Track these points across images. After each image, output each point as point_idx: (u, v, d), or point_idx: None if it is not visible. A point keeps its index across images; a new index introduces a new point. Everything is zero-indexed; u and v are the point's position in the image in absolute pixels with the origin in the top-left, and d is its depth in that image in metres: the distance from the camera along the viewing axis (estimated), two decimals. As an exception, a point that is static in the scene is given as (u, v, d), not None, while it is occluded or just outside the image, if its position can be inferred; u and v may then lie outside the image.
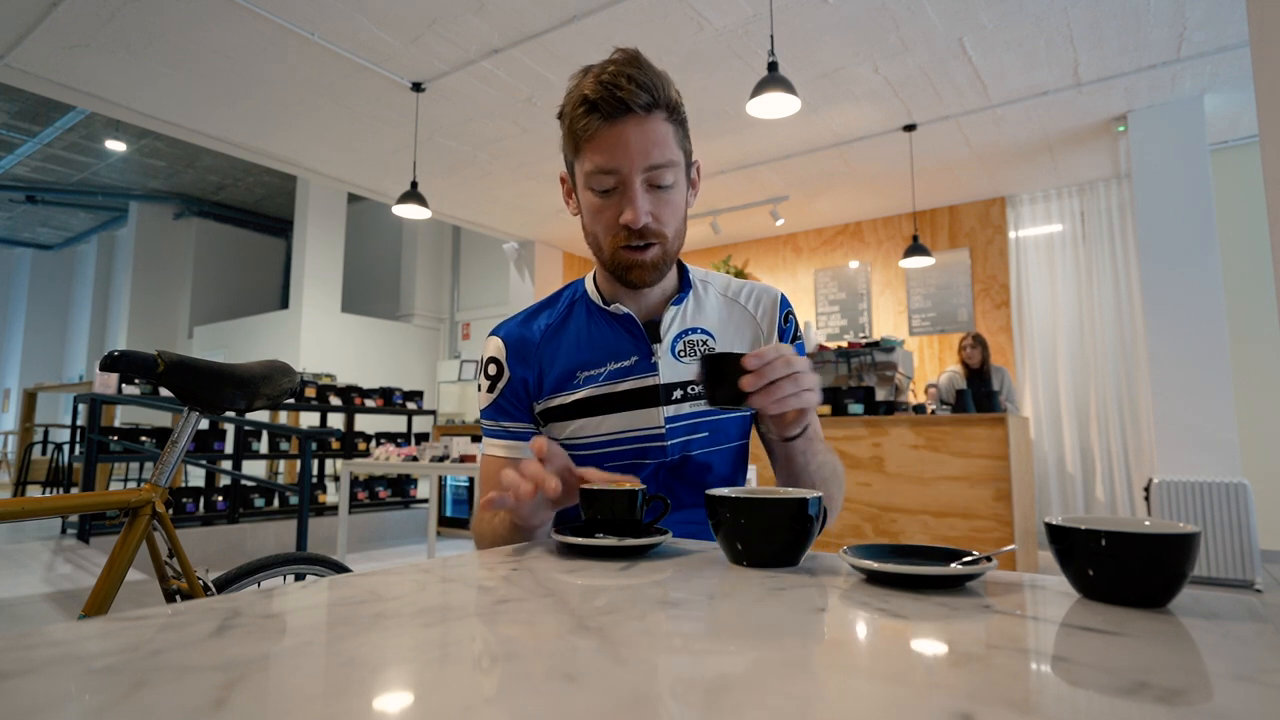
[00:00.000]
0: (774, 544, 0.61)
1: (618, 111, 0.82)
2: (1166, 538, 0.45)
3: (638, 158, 0.83)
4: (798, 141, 4.74)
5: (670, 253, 0.90)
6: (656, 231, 0.87)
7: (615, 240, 0.87)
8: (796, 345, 1.00)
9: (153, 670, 0.34)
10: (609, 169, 0.84)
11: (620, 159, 0.83)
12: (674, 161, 0.86)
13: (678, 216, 0.89)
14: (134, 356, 1.18)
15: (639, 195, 0.84)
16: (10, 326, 12.58)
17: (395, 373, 9.13)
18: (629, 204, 0.84)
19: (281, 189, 9.86)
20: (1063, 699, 0.32)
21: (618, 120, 0.82)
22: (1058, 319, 5.40)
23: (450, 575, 0.59)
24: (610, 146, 0.83)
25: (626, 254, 0.87)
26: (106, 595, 1.10)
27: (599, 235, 0.89)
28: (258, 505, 4.78)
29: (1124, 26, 3.44)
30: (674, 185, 0.87)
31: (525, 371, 0.96)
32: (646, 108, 0.83)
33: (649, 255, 0.87)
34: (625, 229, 0.85)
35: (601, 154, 0.83)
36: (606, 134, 0.83)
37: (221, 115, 4.38)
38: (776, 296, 1.02)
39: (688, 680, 0.34)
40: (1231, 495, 3.70)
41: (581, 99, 0.83)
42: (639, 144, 0.83)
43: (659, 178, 0.85)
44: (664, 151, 0.85)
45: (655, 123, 0.84)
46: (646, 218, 0.85)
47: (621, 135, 0.82)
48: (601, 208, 0.87)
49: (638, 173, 0.84)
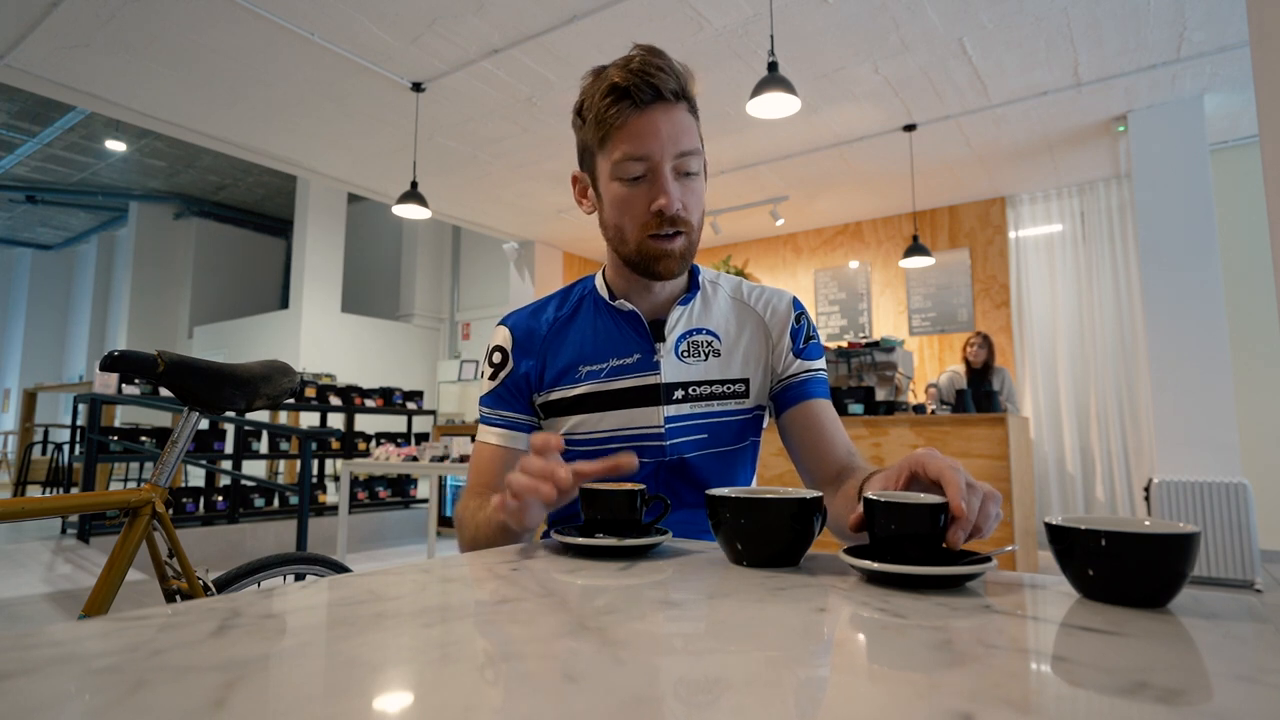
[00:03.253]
0: (774, 544, 0.61)
1: (649, 97, 0.83)
2: (1166, 538, 0.45)
3: (668, 144, 0.84)
4: (798, 141, 4.74)
5: (694, 245, 0.90)
6: (685, 220, 0.87)
7: (644, 230, 0.87)
8: (811, 345, 0.99)
9: (153, 670, 0.34)
10: (640, 155, 0.84)
11: (651, 145, 0.83)
12: (699, 150, 0.87)
13: (700, 208, 0.90)
14: (134, 356, 1.18)
15: (670, 180, 0.85)
16: (10, 326, 12.58)
17: (395, 373, 9.13)
18: (661, 190, 0.84)
19: (281, 189, 9.86)
20: (1063, 699, 0.32)
21: (647, 107, 0.83)
22: (1058, 319, 5.40)
23: (450, 575, 0.58)
24: (641, 133, 0.83)
25: (654, 243, 0.87)
26: (106, 595, 1.10)
27: (625, 226, 0.88)
28: (258, 505, 4.78)
29: (1124, 26, 3.44)
30: (699, 175, 0.88)
31: (529, 362, 0.96)
32: (675, 95, 0.84)
33: (677, 244, 0.87)
34: (657, 216, 0.85)
35: (632, 141, 0.84)
36: (637, 121, 0.83)
37: (221, 115, 4.38)
38: (789, 300, 1.01)
39: (688, 680, 0.34)
40: (1231, 495, 3.70)
41: (610, 88, 0.83)
42: (669, 130, 0.84)
43: (687, 165, 0.86)
44: (691, 139, 0.86)
45: (681, 112, 0.85)
46: (679, 203, 0.85)
47: (652, 122, 0.83)
48: (630, 197, 0.86)
49: (669, 159, 0.84)
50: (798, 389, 0.96)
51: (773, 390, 0.98)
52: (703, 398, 0.93)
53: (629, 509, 0.71)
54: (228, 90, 4.07)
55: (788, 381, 0.97)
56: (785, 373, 0.97)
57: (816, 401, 0.95)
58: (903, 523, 0.55)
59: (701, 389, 0.93)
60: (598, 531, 0.71)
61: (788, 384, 0.97)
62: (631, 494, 0.71)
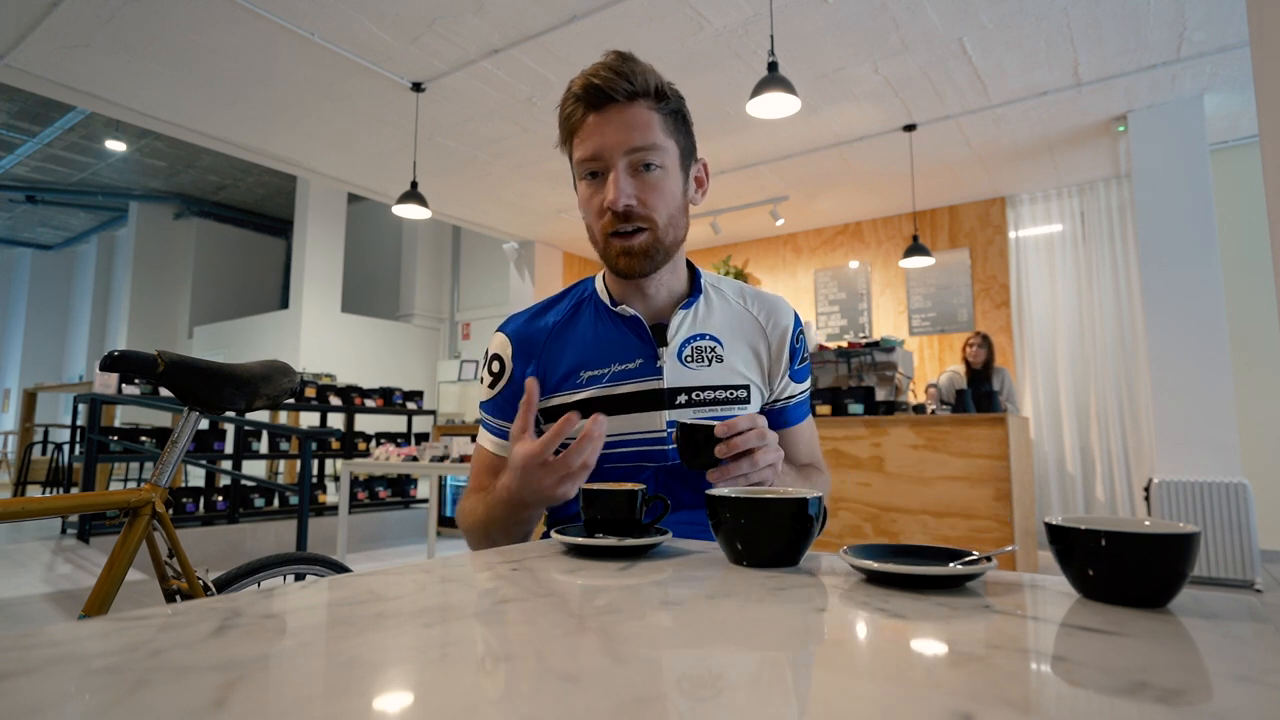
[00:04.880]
0: (774, 544, 0.61)
1: (600, 100, 0.85)
2: (1166, 538, 0.45)
3: (618, 142, 0.85)
4: (798, 141, 4.74)
5: (663, 242, 0.89)
6: (643, 215, 0.87)
7: (604, 227, 0.88)
8: (804, 367, 1.02)
9: (153, 670, 0.34)
10: (593, 155, 0.86)
11: (601, 144, 0.86)
12: (657, 145, 0.87)
13: (668, 204, 0.89)
14: (134, 356, 1.18)
15: (620, 177, 0.86)
16: (10, 326, 12.58)
17: (395, 373, 9.13)
18: (610, 185, 0.86)
19: (281, 189, 9.86)
20: (1063, 699, 0.32)
21: (600, 109, 0.86)
22: (1058, 319, 5.40)
23: (450, 575, 0.59)
24: (593, 133, 0.86)
25: (615, 240, 0.88)
26: (106, 595, 1.10)
27: (592, 226, 0.91)
28: (258, 505, 4.78)
29: (1124, 26, 3.44)
30: (661, 169, 0.88)
31: (530, 369, 0.95)
32: (629, 96, 0.86)
33: (637, 241, 0.88)
34: (610, 212, 0.87)
35: (587, 141, 0.87)
36: (591, 122, 0.86)
37: (221, 115, 4.38)
38: (791, 318, 1.02)
39: (688, 680, 0.34)
40: (1231, 495, 3.70)
41: (569, 93, 0.88)
42: (619, 129, 0.86)
43: (643, 159, 0.87)
44: (645, 135, 0.86)
45: (638, 110, 0.86)
46: (629, 199, 0.86)
47: (604, 122, 0.86)
48: (590, 195, 0.89)
49: (619, 156, 0.86)
50: (789, 412, 1.02)
51: (762, 408, 1.00)
52: (705, 403, 0.93)
53: (629, 509, 0.71)
54: (228, 90, 4.07)
55: (783, 404, 1.01)
56: (782, 394, 1.01)
57: (800, 425, 1.04)
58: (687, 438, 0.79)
59: (704, 394, 0.93)
60: (598, 531, 0.71)
61: (782, 406, 1.01)
62: (631, 494, 0.72)
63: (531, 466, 0.75)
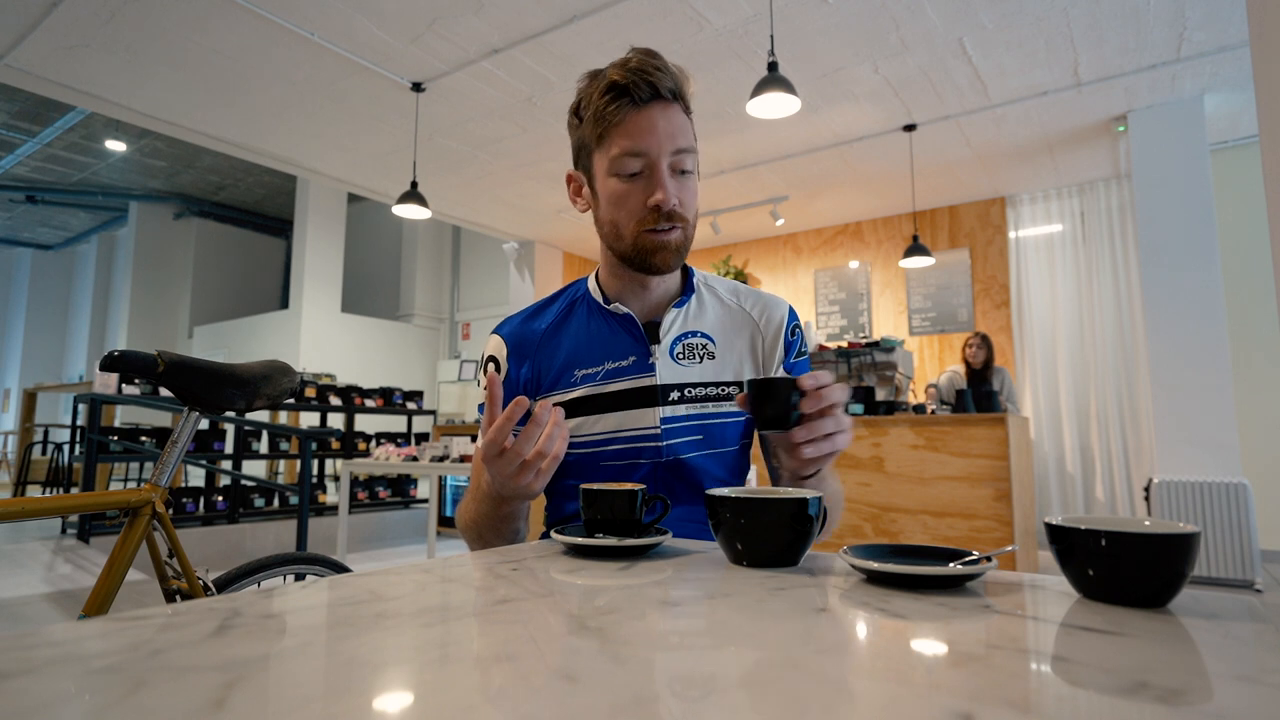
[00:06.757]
0: (774, 544, 0.61)
1: (647, 95, 0.85)
2: (1166, 538, 0.45)
3: (666, 141, 0.86)
4: (798, 141, 4.74)
5: (689, 239, 0.92)
6: (681, 215, 0.89)
7: (640, 224, 0.88)
8: (801, 361, 1.01)
9: (153, 670, 0.34)
10: (638, 151, 0.86)
11: (649, 142, 0.86)
12: (694, 149, 0.90)
13: (695, 205, 0.92)
14: (134, 356, 1.18)
15: (667, 176, 0.87)
16: (10, 326, 12.58)
17: (395, 373, 9.13)
18: (659, 185, 0.86)
19: (281, 189, 9.86)
20: (1063, 699, 0.32)
21: (646, 105, 0.86)
22: (1058, 319, 5.40)
23: (450, 575, 0.59)
24: (639, 130, 0.86)
25: (651, 237, 0.88)
26: (106, 595, 1.10)
27: (621, 222, 0.90)
28: (258, 505, 4.78)
29: (1124, 26, 3.44)
30: (693, 173, 0.91)
31: (525, 369, 0.96)
32: (672, 94, 0.87)
33: (673, 237, 0.89)
34: (654, 211, 0.87)
35: (630, 137, 0.86)
36: (635, 118, 0.86)
37: (221, 115, 4.38)
38: (785, 310, 1.02)
39: (687, 680, 0.34)
40: (1231, 495, 3.70)
41: (609, 86, 0.86)
42: (666, 128, 0.86)
43: (682, 162, 0.88)
44: (687, 138, 0.88)
45: (678, 111, 0.88)
46: (675, 199, 0.87)
47: (650, 119, 0.86)
48: (627, 193, 0.88)
49: (665, 155, 0.87)
50: None
51: None
52: (698, 399, 0.93)
53: (629, 509, 0.71)
54: (228, 90, 4.07)
55: None
56: None
57: None
58: (765, 391, 0.75)
59: (697, 391, 0.94)
60: (597, 531, 0.71)
61: None
62: (631, 494, 0.72)
63: (490, 456, 0.75)
